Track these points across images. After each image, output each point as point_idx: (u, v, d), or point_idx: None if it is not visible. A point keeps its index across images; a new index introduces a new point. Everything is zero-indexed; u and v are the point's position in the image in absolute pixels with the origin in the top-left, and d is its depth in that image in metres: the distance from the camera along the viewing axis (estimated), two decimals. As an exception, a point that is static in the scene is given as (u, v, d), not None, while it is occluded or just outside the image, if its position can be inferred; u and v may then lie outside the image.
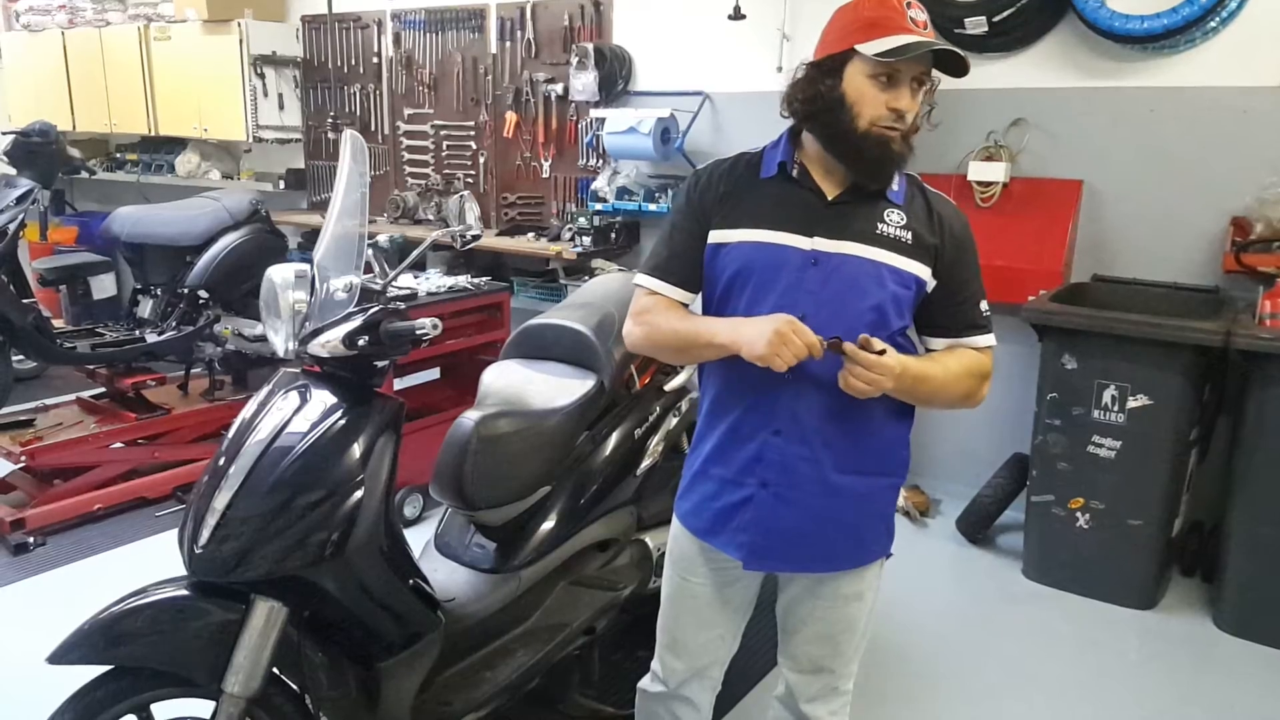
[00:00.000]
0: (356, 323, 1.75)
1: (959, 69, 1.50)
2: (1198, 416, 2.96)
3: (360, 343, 1.74)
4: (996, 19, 3.31)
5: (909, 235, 1.55)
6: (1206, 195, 3.22)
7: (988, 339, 1.63)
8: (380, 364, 1.86)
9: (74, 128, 6.14)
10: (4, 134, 4.17)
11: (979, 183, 3.53)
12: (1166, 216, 3.31)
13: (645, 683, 1.88)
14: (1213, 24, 3.08)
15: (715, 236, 1.59)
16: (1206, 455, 3.16)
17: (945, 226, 1.59)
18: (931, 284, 1.58)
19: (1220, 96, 3.15)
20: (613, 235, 4.29)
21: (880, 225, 1.55)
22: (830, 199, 1.56)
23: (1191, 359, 2.82)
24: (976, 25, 3.35)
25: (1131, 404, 2.92)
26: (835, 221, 1.54)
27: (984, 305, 1.63)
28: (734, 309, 1.56)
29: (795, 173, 1.58)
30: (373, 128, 5.31)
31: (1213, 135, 3.19)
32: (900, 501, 3.74)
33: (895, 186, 1.58)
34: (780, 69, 3.76)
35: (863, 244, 1.53)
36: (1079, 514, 3.07)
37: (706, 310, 1.64)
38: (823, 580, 1.68)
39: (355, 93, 5.36)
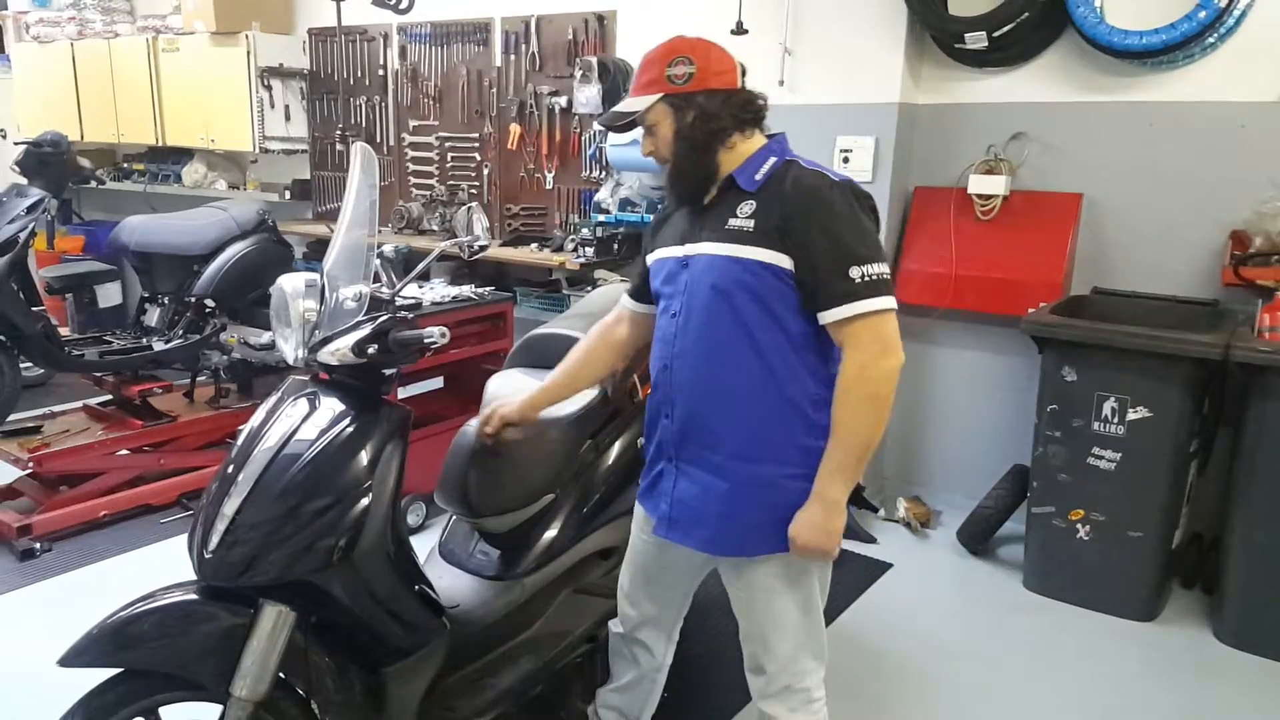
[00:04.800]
0: (366, 331, 1.78)
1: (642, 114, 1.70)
2: (1197, 428, 2.97)
3: (370, 351, 1.77)
4: (997, 34, 3.34)
5: (751, 224, 1.63)
6: (1205, 209, 3.24)
7: (865, 305, 1.55)
8: (388, 372, 1.89)
9: (82, 138, 6.18)
10: (16, 144, 4.22)
11: (979, 196, 3.56)
12: (1166, 230, 3.34)
13: (613, 623, 2.11)
14: (1211, 40, 3.11)
15: (649, 259, 1.87)
16: (1206, 467, 3.18)
17: (786, 202, 1.61)
18: (788, 263, 1.60)
19: (1219, 111, 3.18)
20: (615, 246, 4.32)
21: (731, 219, 1.66)
22: (704, 205, 1.72)
23: (1191, 371, 2.84)
24: (976, 40, 3.39)
25: (1131, 416, 2.94)
26: (699, 226, 1.72)
27: (860, 271, 1.55)
28: (658, 315, 1.82)
29: None
30: (378, 139, 5.35)
31: (1211, 149, 3.22)
32: (901, 512, 3.76)
33: (759, 177, 1.67)
34: (782, 83, 3.80)
35: (714, 241, 1.68)
36: (1079, 525, 3.09)
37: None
38: (739, 570, 1.78)
39: (361, 105, 5.40)
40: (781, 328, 1.63)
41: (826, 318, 1.59)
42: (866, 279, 1.56)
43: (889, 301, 1.57)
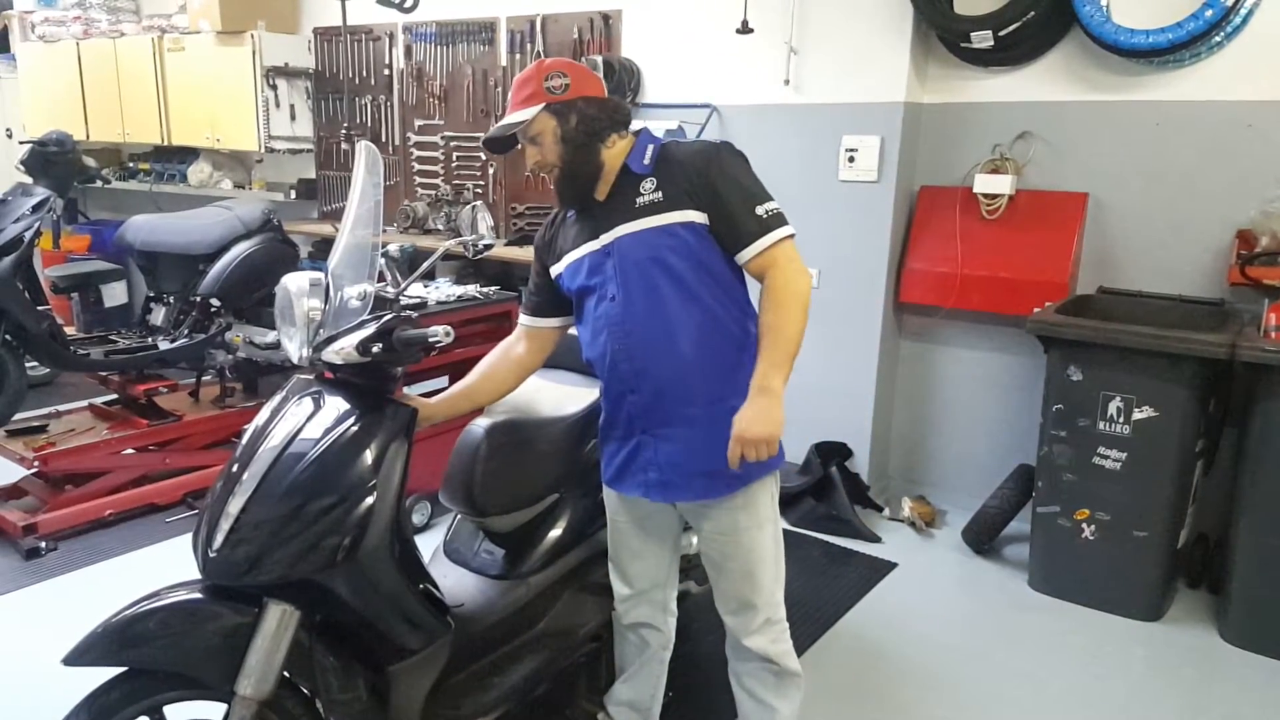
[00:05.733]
0: (370, 330, 1.78)
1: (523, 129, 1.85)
2: (1203, 428, 2.96)
3: (374, 349, 1.76)
4: (1003, 33, 3.33)
5: (659, 195, 1.83)
6: (1211, 208, 3.23)
7: (776, 234, 1.81)
8: (394, 371, 1.89)
9: (88, 137, 6.20)
10: (21, 143, 4.23)
11: (985, 195, 3.55)
12: (1172, 229, 3.33)
13: (615, 615, 2.20)
14: (1218, 39, 3.10)
15: (553, 271, 1.99)
16: (1212, 467, 3.17)
17: (684, 168, 1.83)
18: (703, 218, 1.82)
19: (1225, 110, 3.17)
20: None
21: (639, 198, 1.85)
22: (602, 201, 1.89)
23: (1197, 371, 2.83)
24: (982, 39, 3.38)
25: (1137, 416, 2.93)
26: (607, 217, 1.88)
27: (763, 209, 1.81)
28: (584, 314, 1.95)
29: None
30: (383, 139, 5.36)
31: (1218, 149, 3.21)
32: (906, 512, 3.75)
33: (648, 160, 1.86)
34: (788, 81, 3.80)
35: (628, 222, 1.84)
36: (1084, 525, 3.08)
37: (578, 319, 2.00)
38: (720, 516, 1.92)
39: (366, 104, 5.41)
40: (711, 274, 1.84)
41: (747, 254, 1.81)
42: (769, 213, 1.81)
43: (791, 229, 1.83)
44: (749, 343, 1.87)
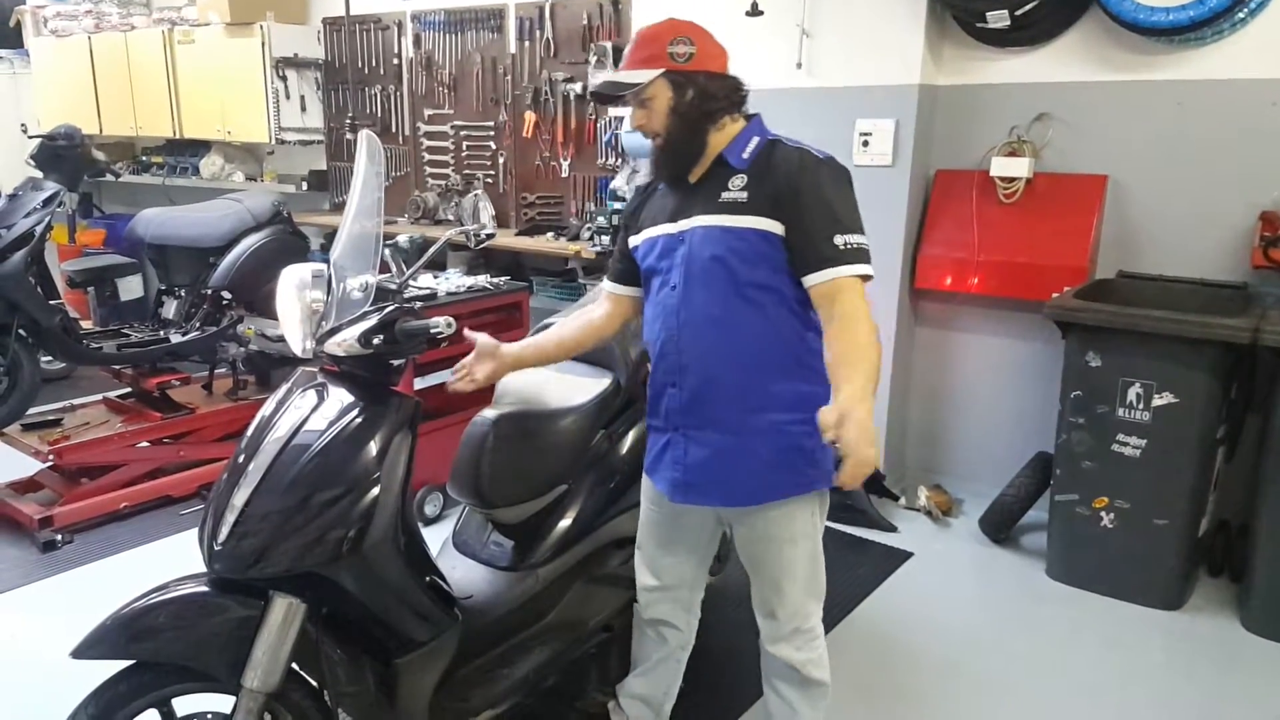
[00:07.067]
0: (372, 322, 1.76)
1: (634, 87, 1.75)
2: (1225, 414, 2.91)
3: (375, 341, 1.75)
4: (1019, 12, 3.27)
5: (745, 195, 1.74)
6: (1234, 190, 3.16)
7: (849, 269, 1.67)
8: (396, 362, 1.87)
9: (101, 131, 6.23)
10: (31, 138, 4.24)
11: (1002, 178, 3.49)
12: (1193, 211, 3.26)
13: (636, 607, 2.15)
14: (1240, 15, 3.02)
15: (631, 241, 1.94)
16: (1234, 454, 3.11)
17: (779, 175, 1.73)
18: (780, 229, 1.72)
19: (1248, 89, 3.10)
20: (632, 234, 4.29)
21: (724, 193, 1.76)
22: (692, 184, 1.81)
23: (1218, 356, 2.77)
24: (999, 19, 3.31)
25: (1157, 402, 2.88)
26: (691, 202, 1.80)
27: (844, 240, 1.68)
28: (649, 294, 1.89)
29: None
30: (393, 129, 5.35)
31: (1241, 129, 3.13)
32: (922, 501, 3.71)
33: (746, 154, 1.78)
34: (800, 65, 3.74)
35: (707, 214, 1.77)
36: (1104, 513, 3.03)
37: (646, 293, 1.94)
38: (754, 524, 1.86)
39: (376, 94, 5.39)
40: (776, 287, 1.74)
41: (812, 279, 1.70)
42: (849, 246, 1.68)
43: (867, 269, 1.69)
44: (807, 359, 1.77)
